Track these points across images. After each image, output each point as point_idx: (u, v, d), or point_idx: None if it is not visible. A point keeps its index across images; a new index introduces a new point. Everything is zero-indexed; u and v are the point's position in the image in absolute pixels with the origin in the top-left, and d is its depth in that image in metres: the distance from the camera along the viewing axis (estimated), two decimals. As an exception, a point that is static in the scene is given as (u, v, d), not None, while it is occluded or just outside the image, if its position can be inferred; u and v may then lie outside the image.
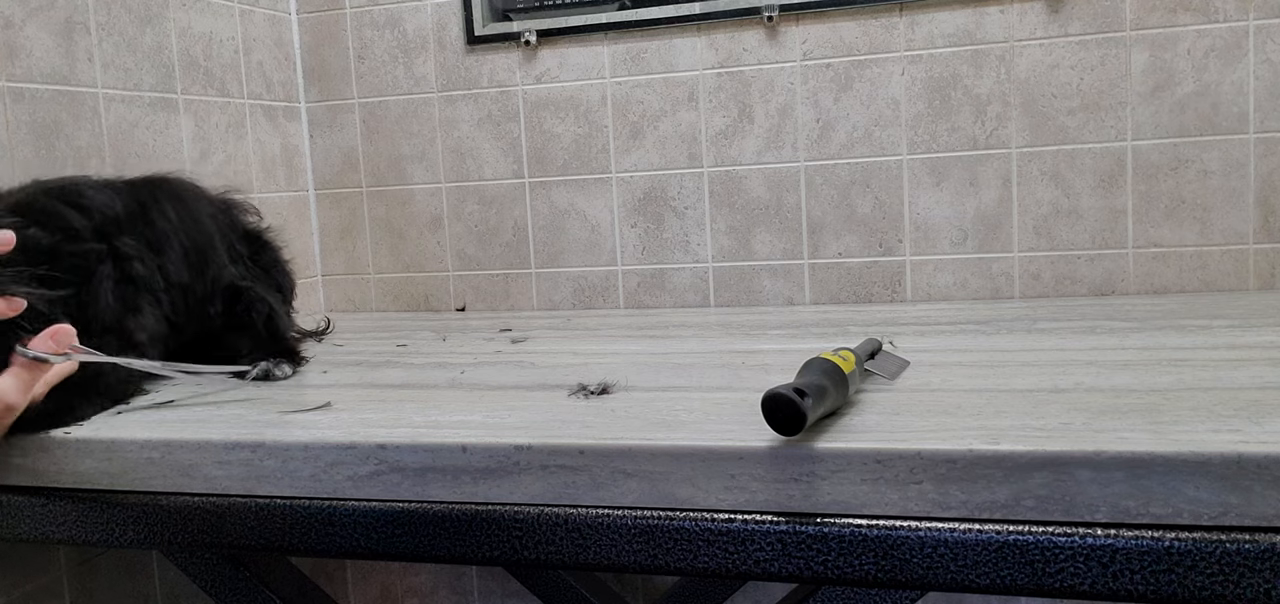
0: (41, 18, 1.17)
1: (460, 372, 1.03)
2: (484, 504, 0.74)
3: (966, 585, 0.65)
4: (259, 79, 1.53)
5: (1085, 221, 1.34)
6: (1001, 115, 1.35)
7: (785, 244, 1.45)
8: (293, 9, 1.61)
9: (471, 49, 1.54)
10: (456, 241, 1.59)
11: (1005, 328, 1.11)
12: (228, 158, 1.46)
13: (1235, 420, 0.66)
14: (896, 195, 1.40)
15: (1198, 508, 0.60)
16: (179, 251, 1.01)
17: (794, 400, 0.65)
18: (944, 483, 0.64)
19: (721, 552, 0.69)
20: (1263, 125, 1.27)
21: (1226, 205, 1.29)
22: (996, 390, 0.79)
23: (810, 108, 1.41)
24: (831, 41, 1.39)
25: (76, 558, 1.20)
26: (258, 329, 1.08)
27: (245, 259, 1.15)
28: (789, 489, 0.67)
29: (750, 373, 0.92)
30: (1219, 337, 0.97)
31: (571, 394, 0.87)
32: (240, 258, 1.14)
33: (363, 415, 0.84)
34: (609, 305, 1.53)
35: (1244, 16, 1.26)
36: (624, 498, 0.70)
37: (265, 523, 0.79)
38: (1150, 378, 0.80)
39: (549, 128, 1.52)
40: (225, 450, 0.79)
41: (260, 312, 1.08)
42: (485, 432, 0.76)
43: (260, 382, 1.01)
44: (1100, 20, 1.30)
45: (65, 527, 0.84)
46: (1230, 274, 1.30)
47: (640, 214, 1.50)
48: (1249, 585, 0.60)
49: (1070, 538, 0.62)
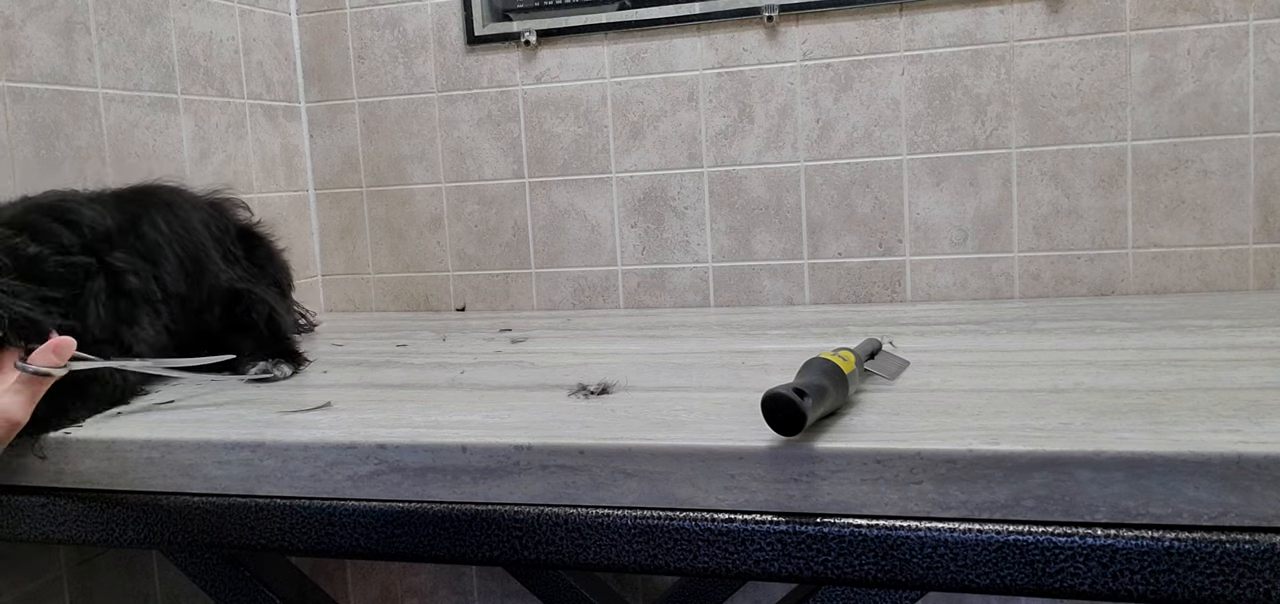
0: (41, 17, 1.17)
1: (460, 372, 1.03)
2: (484, 504, 0.74)
3: (966, 585, 0.65)
4: (259, 79, 1.53)
5: (1085, 222, 1.34)
6: (1001, 115, 1.35)
7: (785, 244, 1.45)
8: (293, 9, 1.61)
9: (471, 49, 1.54)
10: (456, 241, 1.59)
11: (1005, 328, 1.11)
12: (228, 158, 1.46)
13: (1235, 420, 0.66)
14: (896, 195, 1.40)
15: (1198, 508, 0.60)
16: (174, 262, 1.01)
17: (794, 400, 0.65)
18: (944, 483, 0.64)
19: (721, 552, 0.69)
20: (1263, 125, 1.27)
21: (1226, 205, 1.30)
22: (996, 390, 0.79)
23: (810, 108, 1.41)
24: (831, 41, 1.39)
25: (76, 558, 1.20)
26: (259, 329, 1.08)
27: (241, 259, 1.15)
28: (789, 489, 0.67)
29: (750, 373, 0.92)
30: (1219, 337, 0.97)
31: (571, 394, 0.87)
32: (236, 259, 1.14)
33: (363, 415, 0.84)
34: (609, 305, 1.53)
35: (1244, 16, 1.26)
36: (624, 498, 0.70)
37: (265, 523, 0.79)
38: (1150, 378, 0.80)
39: (549, 128, 1.52)
40: (225, 450, 0.79)
41: (261, 312, 1.09)
42: (485, 432, 0.76)
43: (259, 382, 1.01)
44: (1100, 20, 1.30)
45: (65, 527, 0.84)
46: (1230, 274, 1.30)
47: (640, 214, 1.50)
48: (1249, 585, 0.60)
49: (1070, 538, 0.62)
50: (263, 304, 1.09)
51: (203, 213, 1.12)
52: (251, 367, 1.03)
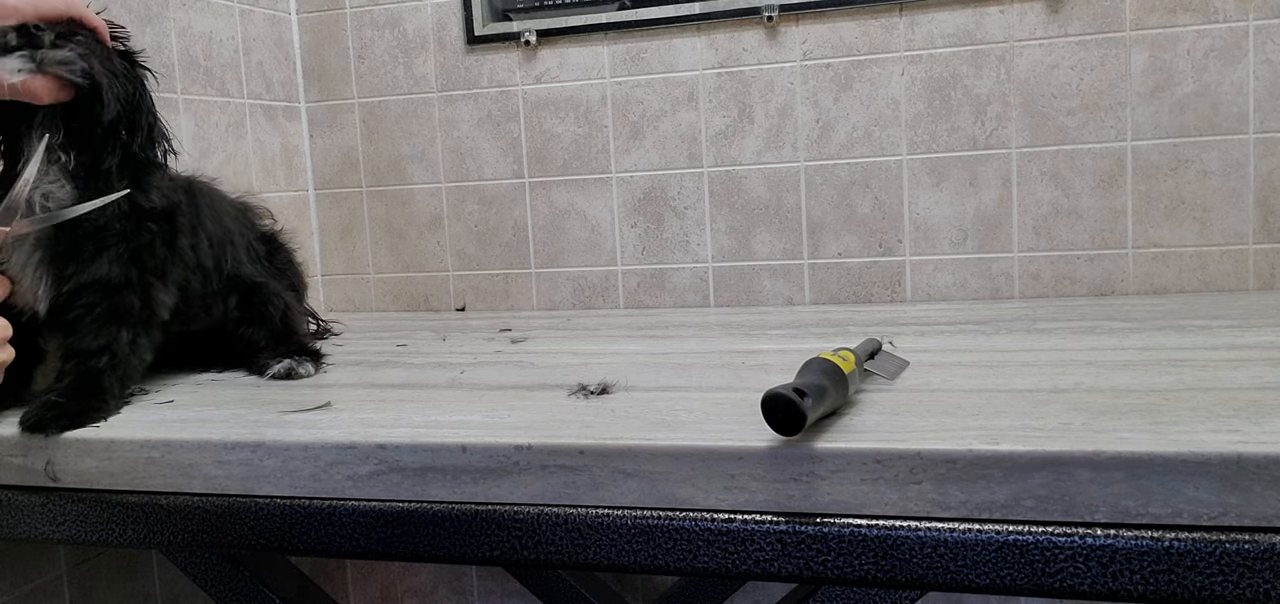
0: (41, 17, 1.17)
1: (460, 371, 1.03)
2: (484, 504, 0.74)
3: (966, 585, 0.65)
4: (259, 79, 1.53)
5: (1085, 222, 1.34)
6: (1001, 115, 1.35)
7: (785, 244, 1.45)
8: (293, 9, 1.61)
9: (471, 49, 1.54)
10: (456, 241, 1.59)
11: (1005, 328, 1.11)
12: (227, 157, 1.46)
13: (1235, 420, 0.66)
14: (896, 195, 1.40)
15: (1197, 508, 0.60)
16: (205, 241, 1.04)
17: (794, 400, 0.65)
18: (944, 483, 0.64)
19: (721, 552, 0.69)
20: (1262, 125, 1.27)
21: (1226, 205, 1.30)
22: (996, 390, 0.79)
23: (810, 108, 1.41)
24: (831, 41, 1.39)
25: (76, 558, 1.20)
26: (275, 323, 1.09)
27: (262, 258, 1.18)
28: (789, 489, 0.67)
29: (750, 373, 0.92)
30: (1219, 337, 0.97)
31: (571, 394, 0.87)
32: (258, 257, 1.17)
33: (363, 415, 0.84)
34: (609, 305, 1.53)
35: (1244, 17, 1.26)
36: (624, 498, 0.70)
37: (265, 523, 0.79)
38: (1150, 378, 0.80)
39: (549, 128, 1.52)
40: (225, 450, 0.79)
41: (277, 306, 1.10)
42: (485, 431, 0.76)
43: (281, 380, 1.03)
44: (1100, 20, 1.30)
45: (65, 527, 0.84)
46: (1230, 274, 1.30)
47: (640, 214, 1.50)
48: (1249, 585, 0.60)
49: (1070, 538, 0.62)
50: (279, 299, 1.11)
51: (232, 209, 1.15)
52: (274, 364, 1.04)
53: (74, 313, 0.89)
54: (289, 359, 1.05)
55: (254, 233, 1.19)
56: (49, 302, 0.89)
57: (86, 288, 0.89)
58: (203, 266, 1.03)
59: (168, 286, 0.97)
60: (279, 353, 1.06)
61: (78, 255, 0.90)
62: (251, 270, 1.12)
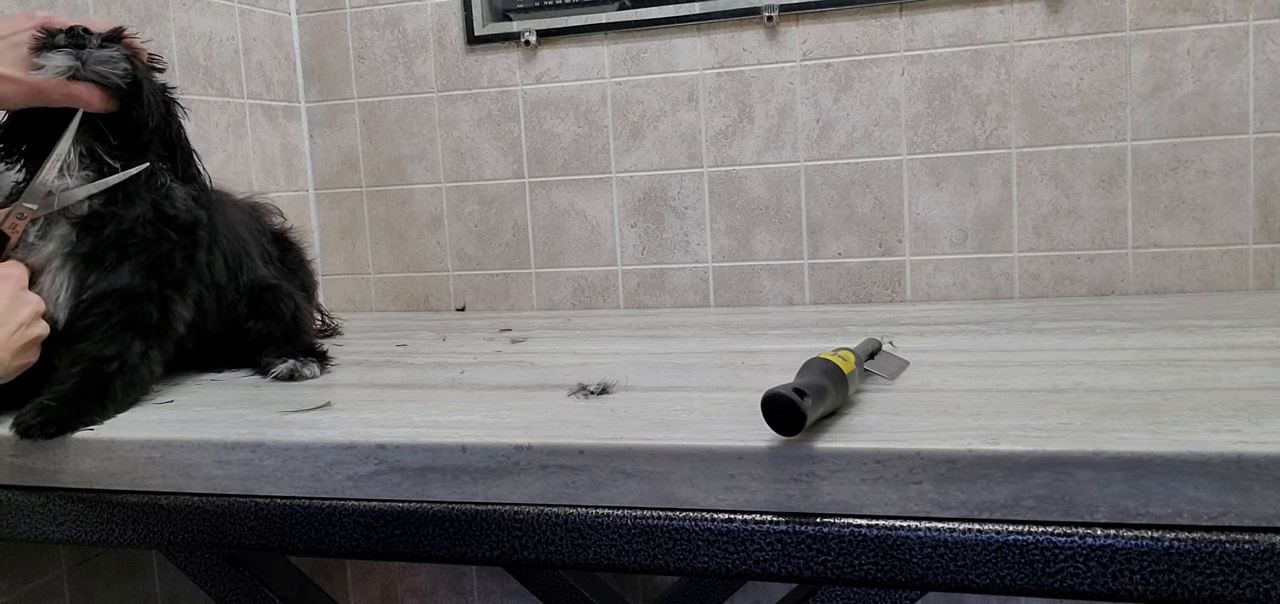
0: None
1: (460, 372, 1.03)
2: (484, 504, 0.74)
3: (966, 585, 0.65)
4: (259, 79, 1.53)
5: (1085, 222, 1.34)
6: (1001, 115, 1.35)
7: (785, 244, 1.45)
8: (293, 9, 1.61)
9: (471, 49, 1.54)
10: (456, 241, 1.59)
11: (1005, 328, 1.11)
12: (227, 157, 1.46)
13: (1235, 420, 0.66)
14: (896, 195, 1.40)
15: (1197, 508, 0.60)
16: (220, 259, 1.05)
17: (794, 400, 0.65)
18: (944, 483, 0.64)
19: (721, 552, 0.69)
20: (1262, 125, 1.27)
21: (1226, 205, 1.30)
22: (996, 390, 0.79)
23: (810, 108, 1.41)
24: (831, 41, 1.39)
25: (76, 558, 1.20)
26: (285, 320, 1.10)
27: (275, 260, 1.19)
28: (789, 489, 0.67)
29: (750, 373, 0.92)
30: (1219, 337, 0.97)
31: (571, 394, 0.87)
32: (271, 259, 1.18)
33: (363, 415, 0.84)
34: (609, 305, 1.53)
35: (1244, 17, 1.26)
36: (624, 498, 0.70)
37: (265, 523, 0.79)
38: (1150, 378, 0.80)
39: (549, 128, 1.52)
40: (225, 450, 0.79)
41: (287, 306, 1.11)
42: (485, 432, 0.76)
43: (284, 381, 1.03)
44: (1100, 20, 1.30)
45: (65, 527, 0.84)
46: (1230, 274, 1.30)
47: (640, 214, 1.50)
48: (1249, 585, 0.60)
49: (1070, 538, 0.62)
50: (289, 299, 1.12)
51: (244, 213, 1.16)
52: (279, 364, 1.04)
53: (90, 319, 0.89)
54: (293, 360, 1.04)
55: (267, 235, 1.19)
56: (69, 309, 0.89)
57: (105, 296, 0.90)
58: (218, 284, 1.04)
59: (185, 300, 0.97)
60: (284, 352, 1.06)
61: (100, 263, 0.90)
62: (265, 273, 1.13)
